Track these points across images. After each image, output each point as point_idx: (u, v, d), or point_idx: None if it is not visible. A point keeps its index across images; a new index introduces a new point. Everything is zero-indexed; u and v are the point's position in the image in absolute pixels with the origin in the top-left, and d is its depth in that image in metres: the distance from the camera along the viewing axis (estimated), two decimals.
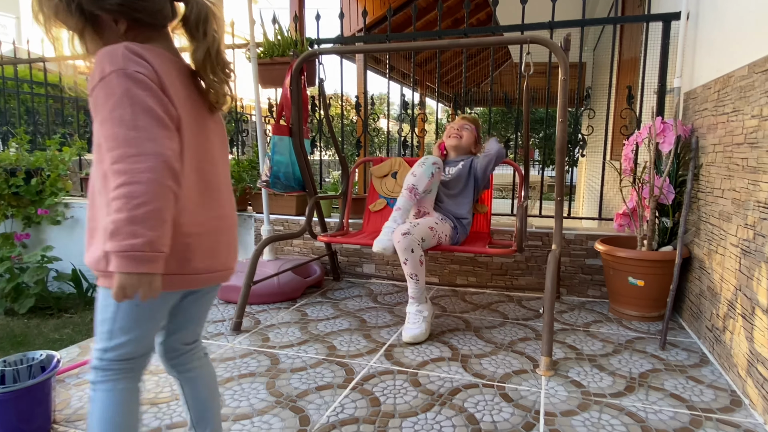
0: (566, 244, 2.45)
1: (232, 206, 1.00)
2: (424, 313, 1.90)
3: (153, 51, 0.84)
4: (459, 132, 2.26)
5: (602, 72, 5.41)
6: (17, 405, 1.19)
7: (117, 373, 0.89)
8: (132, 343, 0.88)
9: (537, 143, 11.43)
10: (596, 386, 1.50)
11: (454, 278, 2.63)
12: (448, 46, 1.99)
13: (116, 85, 0.77)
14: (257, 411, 1.36)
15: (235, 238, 1.00)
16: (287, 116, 2.22)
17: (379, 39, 3.22)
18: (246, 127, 3.36)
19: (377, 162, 2.49)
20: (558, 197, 1.85)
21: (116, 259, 0.74)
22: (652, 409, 1.37)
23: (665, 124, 2.07)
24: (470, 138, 2.27)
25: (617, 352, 1.76)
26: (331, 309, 2.23)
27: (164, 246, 0.77)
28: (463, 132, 2.26)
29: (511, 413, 1.35)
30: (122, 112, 0.76)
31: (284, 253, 2.85)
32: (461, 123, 2.29)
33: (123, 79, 0.77)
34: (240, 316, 1.96)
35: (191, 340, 1.03)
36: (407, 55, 6.17)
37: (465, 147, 2.26)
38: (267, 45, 2.51)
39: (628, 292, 2.09)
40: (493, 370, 1.61)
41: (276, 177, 2.23)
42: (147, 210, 0.74)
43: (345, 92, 3.26)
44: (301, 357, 1.71)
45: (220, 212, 0.94)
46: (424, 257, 1.88)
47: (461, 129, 2.27)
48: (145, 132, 0.76)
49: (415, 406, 1.38)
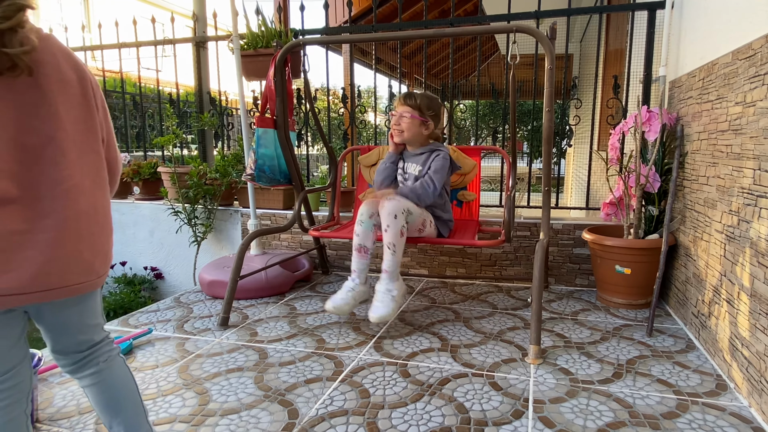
0: (554, 234, 2.46)
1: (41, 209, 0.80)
2: (393, 293, 1.79)
3: None
4: (398, 125, 2.00)
5: (589, 63, 5.43)
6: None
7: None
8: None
9: (525, 135, 11.47)
10: (584, 373, 1.51)
11: (444, 270, 2.63)
12: (434, 36, 1.97)
13: None
14: (245, 405, 1.34)
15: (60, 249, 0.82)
16: (272, 108, 2.18)
17: (365, 30, 3.19)
18: (231, 120, 3.31)
19: (365, 151, 2.48)
20: (545, 187, 1.85)
21: None
22: (640, 395, 1.38)
23: (651, 112, 2.07)
24: (414, 125, 1.99)
25: (605, 340, 1.77)
26: (320, 303, 2.21)
27: None
28: (402, 122, 1.99)
29: (500, 401, 1.35)
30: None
31: (272, 247, 2.83)
32: (400, 111, 2.00)
33: None
34: (227, 311, 1.94)
35: (72, 350, 0.96)
36: (394, 46, 6.14)
37: (413, 138, 2.02)
38: (250, 36, 2.47)
39: (615, 280, 2.10)
40: (483, 360, 1.61)
41: (261, 170, 2.20)
42: None
43: (332, 85, 3.21)
44: (290, 351, 1.69)
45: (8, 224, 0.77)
46: (406, 228, 1.79)
47: (399, 120, 2.00)
48: None
49: (405, 396, 1.38)
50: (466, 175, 2.34)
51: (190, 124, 3.20)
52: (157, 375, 1.52)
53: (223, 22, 2.99)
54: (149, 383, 1.47)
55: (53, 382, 1.49)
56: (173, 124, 2.79)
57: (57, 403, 1.37)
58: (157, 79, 3.26)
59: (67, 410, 1.33)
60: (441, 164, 1.99)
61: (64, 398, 1.39)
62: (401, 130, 2.01)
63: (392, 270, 1.79)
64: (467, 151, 2.37)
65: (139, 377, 1.50)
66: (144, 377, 1.50)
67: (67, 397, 1.39)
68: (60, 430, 1.24)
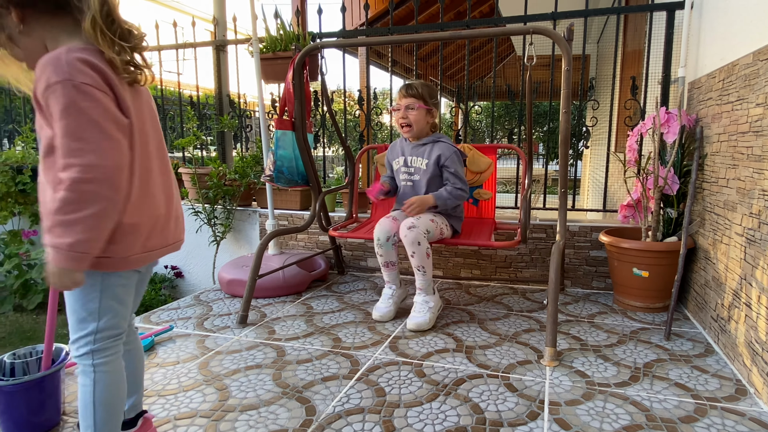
0: (570, 236, 2.45)
1: (168, 186, 1.04)
2: (430, 304, 1.92)
3: (96, 53, 0.84)
4: (405, 117, 1.98)
5: (606, 64, 5.38)
6: (28, 397, 1.20)
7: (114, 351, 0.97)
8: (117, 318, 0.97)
9: (541, 137, 11.38)
10: (601, 376, 1.51)
11: (458, 271, 2.63)
12: (450, 38, 1.98)
13: (61, 95, 0.80)
14: (264, 401, 1.37)
15: (176, 212, 1.07)
16: (290, 111, 2.22)
17: (381, 32, 3.21)
18: (249, 122, 3.37)
19: (381, 150, 2.50)
20: (562, 189, 1.84)
21: (49, 252, 0.83)
22: (657, 398, 1.37)
23: (669, 114, 2.06)
24: (421, 116, 1.98)
25: (622, 343, 1.76)
26: (336, 302, 2.24)
27: (91, 248, 0.84)
28: (410, 114, 1.98)
29: (516, 402, 1.35)
30: (68, 122, 0.80)
31: (289, 247, 2.87)
32: (404, 103, 1.98)
33: (69, 90, 0.80)
34: (246, 309, 1.98)
35: (132, 319, 1.11)
36: (410, 49, 6.16)
37: (420, 130, 2.02)
38: (269, 40, 2.51)
39: (632, 283, 2.09)
40: (498, 361, 1.61)
41: (279, 171, 2.24)
42: (77, 216, 0.81)
43: (348, 87, 3.27)
44: (307, 349, 1.72)
45: (155, 201, 0.99)
46: (430, 249, 1.89)
47: (406, 112, 1.98)
48: (88, 144, 0.81)
49: (420, 396, 1.39)
50: (481, 174, 2.35)
51: (210, 126, 3.26)
52: (178, 371, 1.56)
53: (242, 25, 3.05)
54: (170, 379, 1.51)
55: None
56: (194, 126, 2.85)
57: None
58: (179, 82, 3.33)
59: None
60: (455, 159, 2.00)
61: None
62: (409, 123, 1.99)
63: (426, 287, 1.92)
64: (483, 150, 2.38)
65: (161, 373, 1.55)
66: (165, 373, 1.55)
67: None
68: None
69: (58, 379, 1.28)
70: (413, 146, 2.07)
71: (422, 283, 1.92)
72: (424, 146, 2.04)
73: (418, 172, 2.06)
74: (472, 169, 2.32)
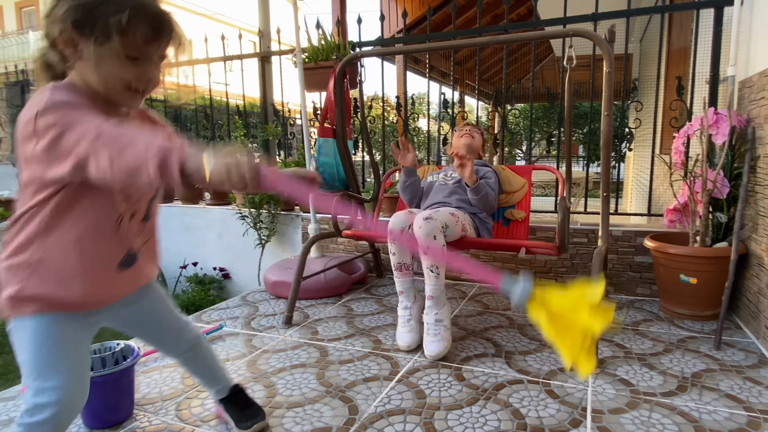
0: (614, 241, 2.40)
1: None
2: (445, 322, 1.69)
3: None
4: (470, 132, 2.33)
5: (650, 63, 5.20)
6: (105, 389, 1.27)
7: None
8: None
9: (581, 138, 11.10)
10: (646, 385, 1.48)
11: None
12: (488, 43, 2.00)
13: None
14: (309, 399, 1.43)
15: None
16: (331, 118, 2.29)
17: (418, 39, 3.25)
18: (292, 130, 3.48)
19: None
20: (604, 193, 1.82)
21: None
22: (706, 410, 1.34)
23: (718, 114, 1.99)
24: (480, 141, 2.35)
25: (668, 351, 1.72)
26: (375, 305, 2.28)
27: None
28: (474, 134, 2.33)
29: (557, 409, 1.35)
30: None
31: (329, 250, 2.94)
32: (469, 127, 2.39)
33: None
34: (291, 310, 2.05)
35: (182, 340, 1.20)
36: (447, 54, 6.16)
37: (476, 148, 2.32)
38: (311, 50, 2.60)
39: (679, 290, 2.03)
40: (538, 367, 1.61)
41: (322, 177, 2.31)
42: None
43: (385, 93, 3.30)
44: (349, 350, 1.77)
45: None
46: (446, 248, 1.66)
47: (471, 131, 2.35)
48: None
49: (460, 399, 1.41)
50: (514, 193, 2.26)
51: (255, 134, 3.40)
52: (229, 368, 1.64)
53: (285, 37, 3.16)
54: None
55: (138, 370, 1.64)
56: (241, 134, 2.98)
57: (142, 390, 1.52)
58: (226, 93, 3.49)
59: (151, 396, 1.47)
60: (494, 178, 2.18)
61: (148, 386, 1.54)
62: (472, 135, 2.31)
63: (438, 294, 1.68)
64: (517, 171, 2.32)
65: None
66: None
67: (150, 385, 1.54)
68: (146, 414, 1.38)
69: (133, 374, 1.38)
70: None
71: (433, 289, 1.67)
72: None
73: (455, 179, 2.14)
74: (506, 188, 2.24)
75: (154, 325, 1.15)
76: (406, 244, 1.74)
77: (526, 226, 2.22)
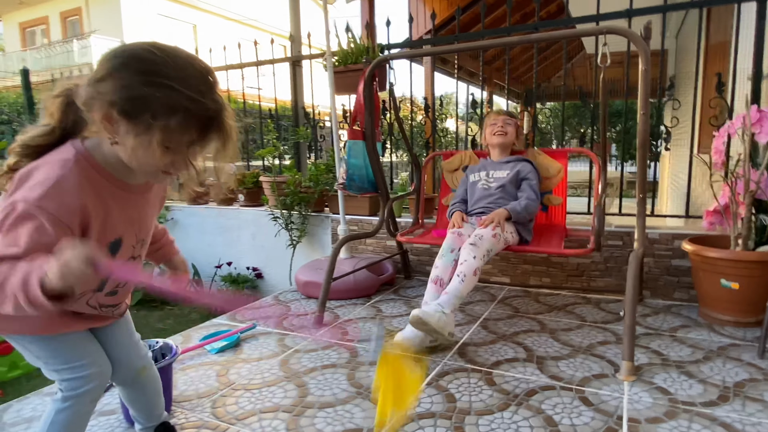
0: (650, 244, 2.33)
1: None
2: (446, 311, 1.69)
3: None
4: (503, 128, 2.21)
5: (687, 59, 5.02)
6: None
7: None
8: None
9: (614, 137, 10.80)
10: (685, 394, 1.44)
11: (527, 279, 2.59)
12: (518, 42, 1.98)
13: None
14: (340, 400, 1.45)
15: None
16: (361, 121, 2.31)
17: (447, 40, 3.24)
18: (323, 133, 3.53)
19: (447, 156, 2.53)
20: (641, 194, 1.77)
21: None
22: (750, 421, 1.29)
23: (762, 112, 1.91)
24: (513, 133, 2.24)
25: (708, 359, 1.66)
26: (404, 306, 2.29)
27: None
28: (507, 128, 2.22)
29: (592, 417, 1.33)
30: None
31: (358, 251, 2.96)
32: (502, 118, 2.24)
33: None
34: (321, 310, 2.08)
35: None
36: (475, 53, 6.11)
37: (510, 142, 2.24)
38: (341, 53, 2.62)
39: (720, 295, 1.95)
40: (572, 373, 1.58)
41: (351, 179, 2.34)
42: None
43: (413, 94, 3.27)
44: None
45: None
46: (480, 271, 1.79)
47: (504, 125, 2.22)
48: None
49: (491, 404, 1.40)
50: (551, 179, 2.31)
51: (286, 137, 3.46)
52: (262, 367, 1.68)
53: (315, 40, 3.21)
54: (255, 374, 1.63)
55: (176, 368, 1.70)
56: (273, 137, 3.04)
57: (180, 387, 1.57)
58: (259, 96, 3.56)
59: (188, 394, 1.52)
60: (535, 174, 2.17)
61: (184, 383, 1.59)
62: (505, 132, 2.21)
63: (452, 293, 1.72)
64: (553, 154, 2.33)
65: (246, 368, 1.68)
66: (250, 368, 1.67)
67: (187, 382, 1.59)
68: (183, 411, 1.42)
69: (171, 371, 1.43)
70: (497, 163, 2.24)
71: (453, 289, 1.72)
72: (508, 163, 2.21)
73: (497, 180, 2.18)
74: (543, 174, 2.28)
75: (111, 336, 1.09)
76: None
77: (563, 211, 2.27)
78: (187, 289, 0.85)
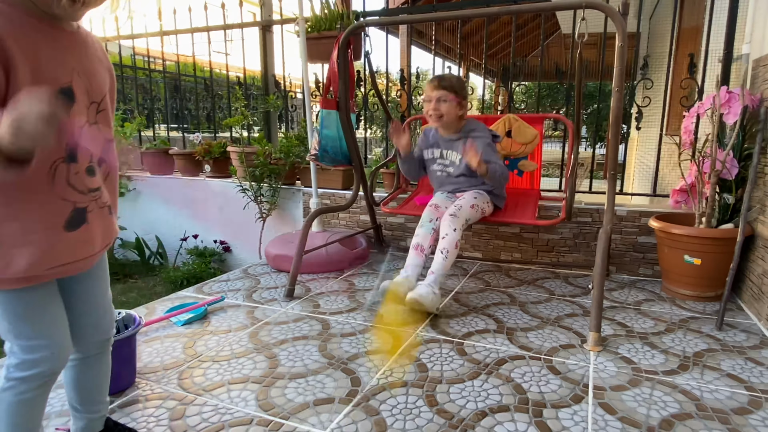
0: (617, 221, 2.38)
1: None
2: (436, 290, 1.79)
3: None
4: (437, 109, 1.95)
5: (659, 42, 5.09)
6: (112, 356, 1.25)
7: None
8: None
9: (584, 119, 10.98)
10: (648, 363, 1.48)
11: (498, 254, 2.62)
12: (497, 13, 1.94)
13: None
14: (311, 371, 1.43)
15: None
16: (335, 90, 2.24)
17: (425, 9, 3.16)
18: (294, 103, 3.42)
19: (426, 122, 2.50)
20: (611, 171, 1.79)
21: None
22: (708, 388, 1.34)
23: (731, 93, 1.95)
24: (452, 108, 1.96)
25: (670, 331, 1.72)
26: (377, 280, 2.28)
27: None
28: (442, 106, 1.95)
29: (559, 385, 1.35)
30: None
31: (331, 225, 2.92)
32: (436, 95, 1.94)
33: None
34: (292, 283, 2.05)
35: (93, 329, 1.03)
36: (451, 28, 6.03)
37: (450, 122, 2.01)
38: (314, 19, 2.52)
39: (683, 270, 2.02)
40: (540, 344, 1.61)
41: (324, 151, 2.27)
42: None
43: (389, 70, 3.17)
44: (350, 323, 1.77)
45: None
46: (461, 241, 1.90)
47: (438, 104, 1.95)
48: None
49: (462, 373, 1.41)
50: (527, 145, 2.33)
51: (255, 106, 3.34)
52: (230, 339, 1.64)
53: (286, 7, 3.07)
54: (223, 346, 1.59)
55: (139, 340, 1.64)
56: (241, 105, 2.92)
57: (144, 359, 1.51)
58: (226, 64, 3.41)
59: (153, 366, 1.47)
60: (490, 151, 2.01)
61: (149, 355, 1.54)
62: (440, 114, 1.97)
63: (439, 272, 1.82)
64: (529, 120, 2.34)
65: (214, 340, 1.63)
66: (218, 340, 1.63)
67: (152, 354, 1.54)
68: (148, 383, 1.38)
69: (134, 343, 1.37)
70: (447, 140, 2.12)
71: (438, 267, 1.82)
72: (458, 141, 2.07)
73: (453, 165, 2.12)
74: (518, 140, 2.30)
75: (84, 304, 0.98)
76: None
77: (538, 176, 2.29)
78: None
